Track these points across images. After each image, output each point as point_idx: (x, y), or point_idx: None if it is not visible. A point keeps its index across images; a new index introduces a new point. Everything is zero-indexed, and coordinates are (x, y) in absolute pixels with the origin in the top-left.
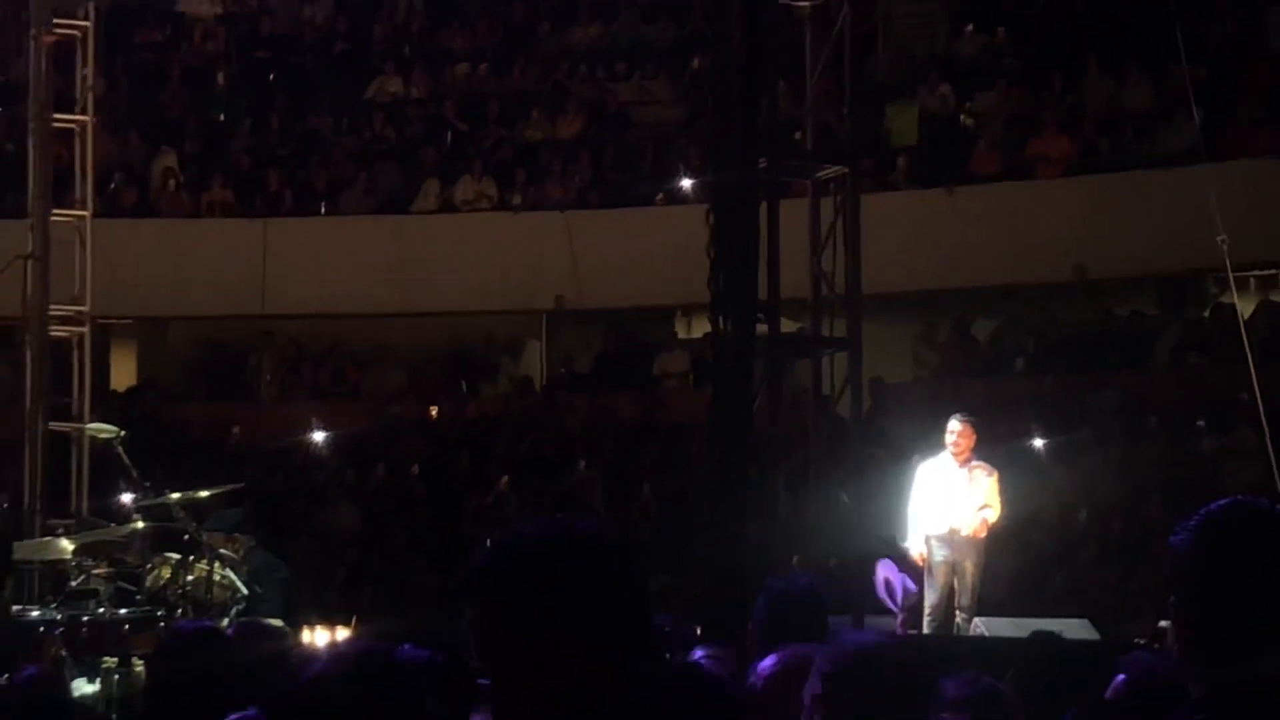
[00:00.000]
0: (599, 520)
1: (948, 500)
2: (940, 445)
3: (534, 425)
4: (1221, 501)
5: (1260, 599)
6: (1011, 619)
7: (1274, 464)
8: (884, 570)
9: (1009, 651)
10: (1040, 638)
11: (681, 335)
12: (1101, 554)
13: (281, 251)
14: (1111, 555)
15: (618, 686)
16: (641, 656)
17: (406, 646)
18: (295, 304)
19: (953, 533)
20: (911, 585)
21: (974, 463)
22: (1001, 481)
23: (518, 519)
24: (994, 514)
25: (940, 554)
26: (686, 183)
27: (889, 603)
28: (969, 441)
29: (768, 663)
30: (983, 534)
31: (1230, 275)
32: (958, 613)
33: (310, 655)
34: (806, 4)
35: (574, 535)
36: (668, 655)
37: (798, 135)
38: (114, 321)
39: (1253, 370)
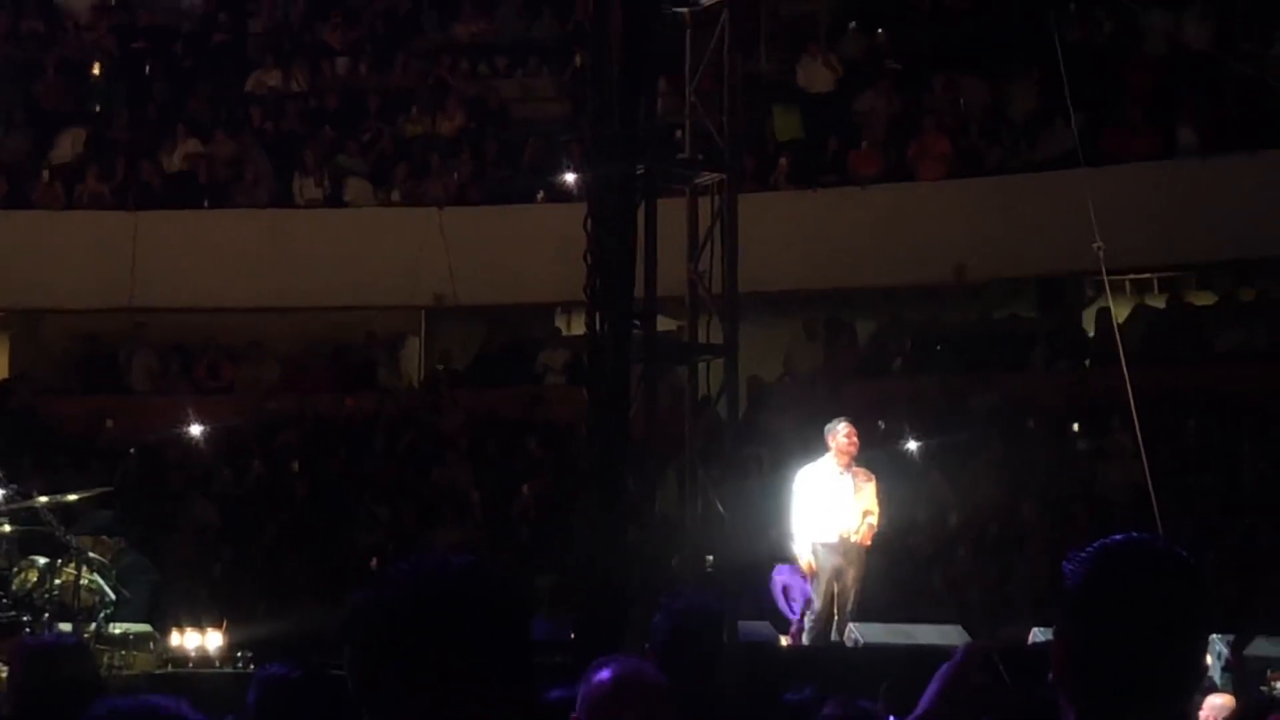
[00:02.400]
0: (476, 558)
1: (834, 507)
2: (819, 448)
3: (412, 422)
4: (1118, 537)
5: (1143, 640)
6: (887, 625)
7: (1147, 467)
8: (782, 576)
9: (884, 661)
10: (912, 651)
11: (564, 332)
12: (977, 557)
13: (155, 245)
14: (987, 558)
15: None
16: (519, 690)
17: (275, 666)
18: (169, 298)
19: (843, 540)
20: (810, 591)
21: (855, 468)
22: (879, 486)
23: (393, 517)
24: (875, 519)
25: (828, 561)
26: (569, 178)
27: (786, 609)
28: (854, 444)
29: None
30: (868, 541)
31: (1106, 279)
32: (835, 618)
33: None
34: (687, 9)
35: (454, 575)
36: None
37: (678, 134)
38: None
39: (1126, 374)
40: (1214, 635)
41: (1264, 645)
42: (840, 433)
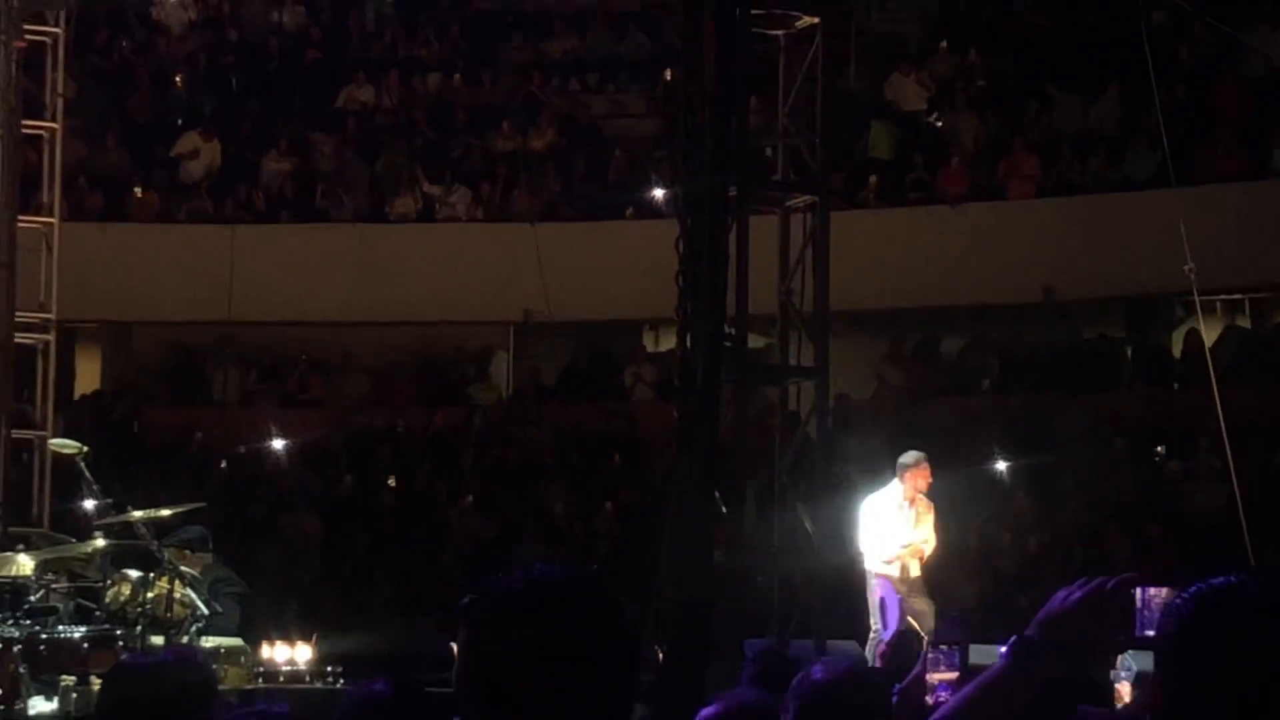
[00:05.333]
0: (591, 575)
1: (895, 538)
2: (890, 474)
3: (500, 437)
4: (1220, 578)
5: (1242, 685)
6: (976, 646)
7: (1236, 488)
8: (883, 589)
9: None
10: None
11: (650, 349)
12: (1062, 579)
13: (249, 258)
14: (1072, 580)
15: None
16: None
17: (371, 684)
18: (262, 310)
19: (904, 573)
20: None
21: (919, 496)
22: (937, 513)
23: (481, 532)
24: (931, 548)
25: (895, 592)
26: (659, 193)
27: (880, 621)
28: (928, 478)
29: (709, 711)
30: (918, 570)
31: (1197, 300)
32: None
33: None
34: (781, 32)
35: (594, 583)
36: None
37: (769, 153)
38: (79, 325)
39: (1216, 395)
40: None
41: None
42: (913, 470)
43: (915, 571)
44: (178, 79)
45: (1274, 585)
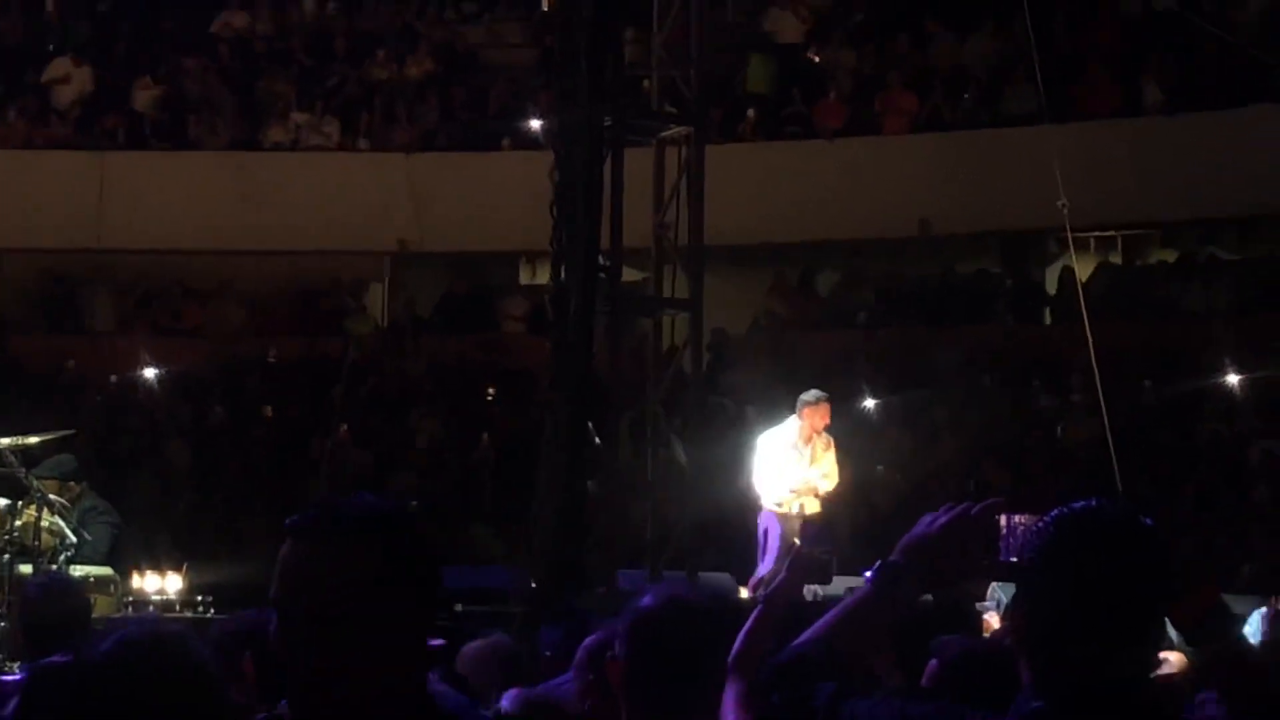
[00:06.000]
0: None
1: (792, 475)
2: (783, 405)
3: (375, 368)
4: (1076, 503)
5: (1101, 608)
6: (847, 579)
7: (1107, 424)
8: (766, 522)
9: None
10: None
11: (525, 281)
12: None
13: (121, 185)
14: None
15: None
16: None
17: (244, 614)
18: (134, 238)
19: (801, 510)
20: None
21: (819, 436)
22: (838, 448)
23: (356, 463)
24: (831, 485)
25: (785, 527)
26: (536, 124)
27: (760, 553)
28: (826, 420)
29: (646, 600)
30: (818, 508)
31: (1070, 237)
32: None
33: (106, 628)
34: None
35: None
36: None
37: (645, 85)
38: None
39: (1089, 331)
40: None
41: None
42: (813, 408)
43: (812, 509)
44: (49, 3)
45: (1129, 509)
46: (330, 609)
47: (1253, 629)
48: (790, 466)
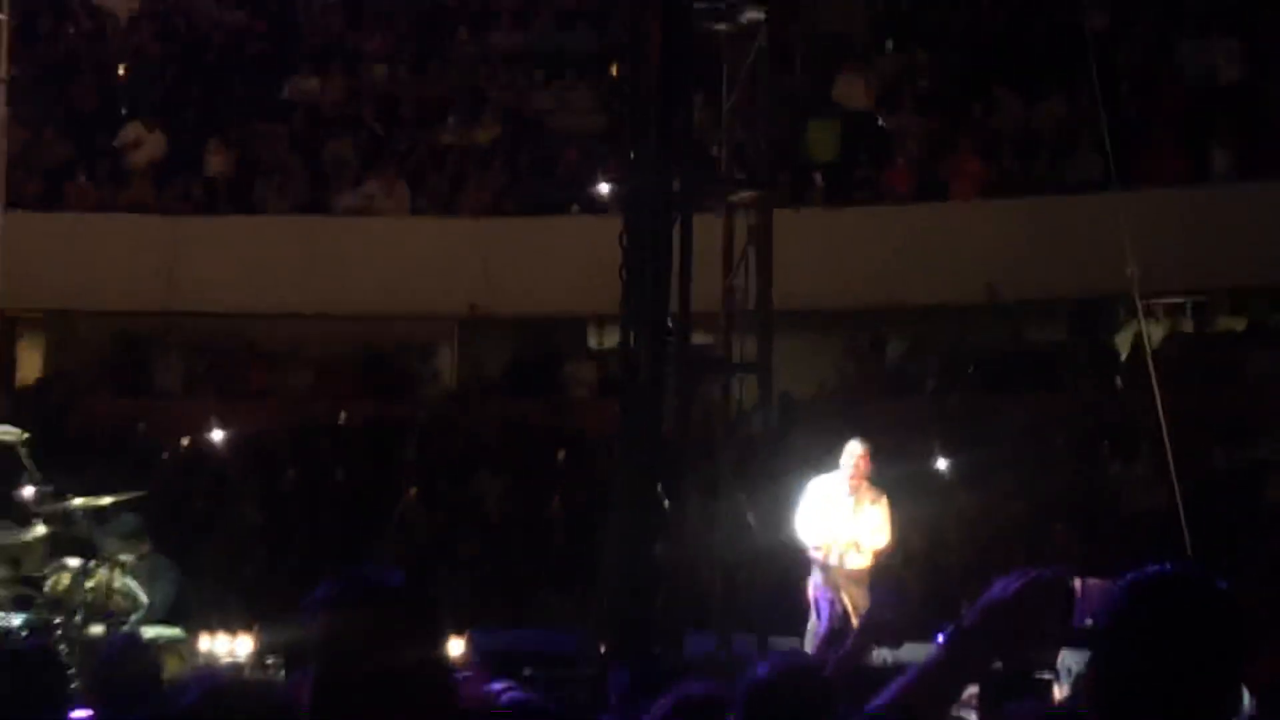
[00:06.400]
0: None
1: (834, 524)
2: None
3: (444, 431)
4: (1151, 568)
5: (1175, 672)
6: (921, 645)
7: (1177, 491)
8: (814, 580)
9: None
10: None
11: (594, 345)
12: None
13: (192, 249)
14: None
15: None
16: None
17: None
18: (204, 302)
19: (841, 562)
20: (825, 610)
21: (864, 487)
22: (890, 506)
23: (426, 526)
24: (880, 540)
25: (831, 581)
26: (604, 189)
27: (815, 612)
28: (866, 467)
29: (662, 703)
30: (864, 566)
31: (1139, 303)
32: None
33: (183, 682)
34: (725, 26)
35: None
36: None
37: (715, 150)
38: (21, 314)
39: (1158, 398)
40: None
41: None
42: (849, 453)
43: (854, 564)
44: (121, 69)
45: (1203, 572)
46: (372, 670)
47: None
48: (831, 515)
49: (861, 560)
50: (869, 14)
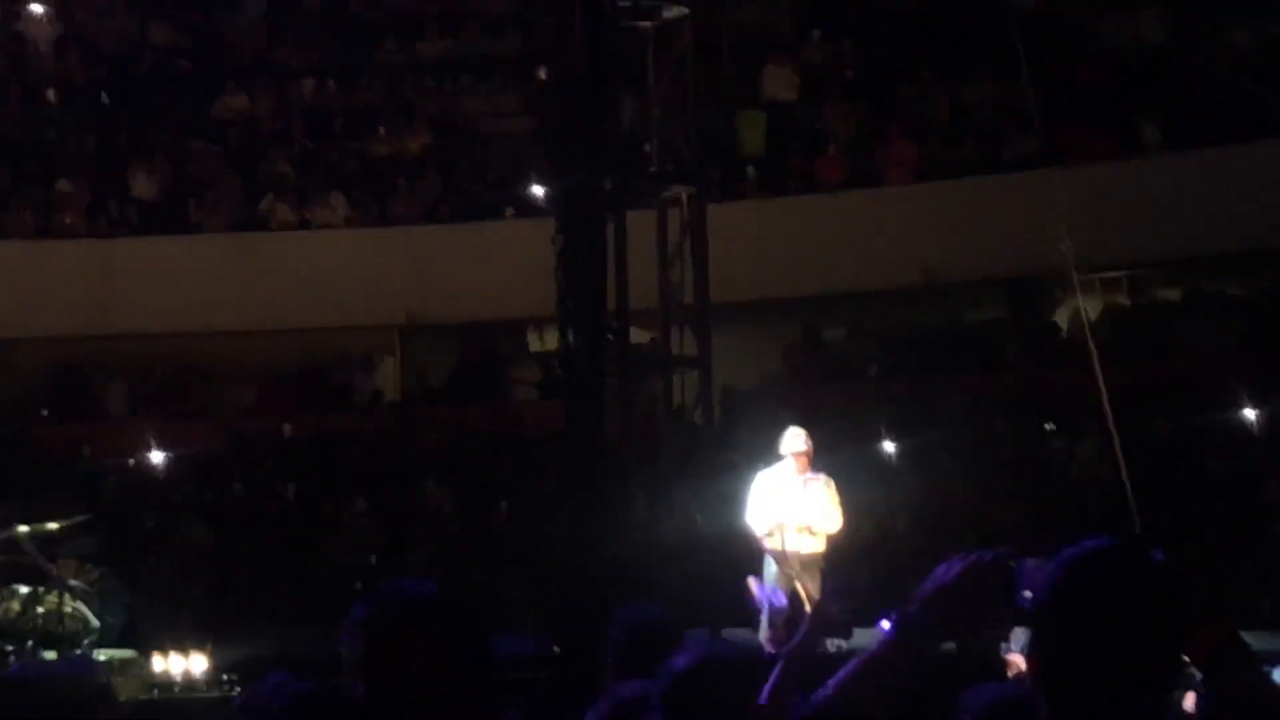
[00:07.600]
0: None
1: (782, 511)
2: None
3: (388, 441)
4: (1088, 542)
5: (1116, 647)
6: (870, 630)
7: (1121, 466)
8: (754, 586)
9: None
10: None
11: (535, 347)
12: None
13: (130, 270)
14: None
15: None
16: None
17: (274, 675)
18: (144, 322)
19: (788, 553)
20: (780, 600)
21: (810, 474)
22: (840, 489)
23: (373, 537)
24: (835, 524)
25: (780, 567)
26: (538, 191)
27: (763, 611)
28: (809, 449)
29: (599, 706)
30: (818, 551)
31: (1075, 279)
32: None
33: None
34: (650, 24)
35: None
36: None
37: (646, 148)
38: None
39: (1099, 372)
40: None
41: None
42: (790, 440)
43: (806, 548)
44: (50, 94)
45: (1139, 545)
46: (423, 685)
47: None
48: (778, 502)
49: (815, 544)
50: (793, 4)
